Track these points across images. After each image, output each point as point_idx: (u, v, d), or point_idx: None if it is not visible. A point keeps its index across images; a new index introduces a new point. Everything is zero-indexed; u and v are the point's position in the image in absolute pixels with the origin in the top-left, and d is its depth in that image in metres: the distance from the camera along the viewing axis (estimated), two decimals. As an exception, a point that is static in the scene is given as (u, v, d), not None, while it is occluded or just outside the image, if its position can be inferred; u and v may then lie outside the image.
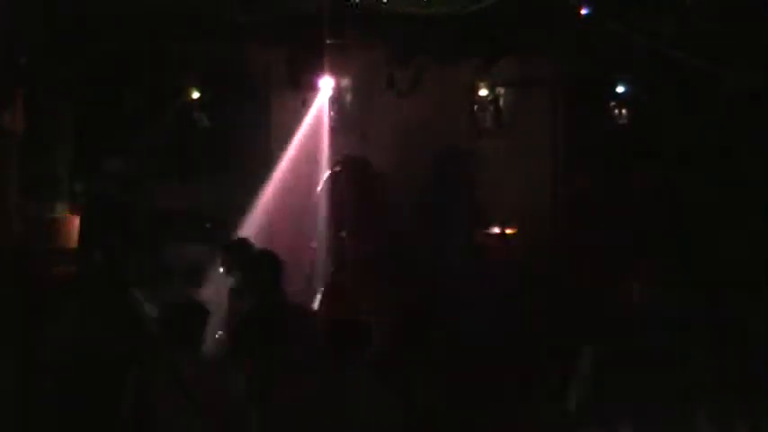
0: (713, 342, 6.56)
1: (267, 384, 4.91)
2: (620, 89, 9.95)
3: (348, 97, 10.51)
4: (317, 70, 9.35)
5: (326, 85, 9.92)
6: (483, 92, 10.12)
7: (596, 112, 10.16)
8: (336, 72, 9.80)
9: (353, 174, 9.81)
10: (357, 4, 7.05)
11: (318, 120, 10.38)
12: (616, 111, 10.06)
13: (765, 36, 7.49)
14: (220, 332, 6.33)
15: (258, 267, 5.97)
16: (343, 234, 9.64)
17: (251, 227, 9.87)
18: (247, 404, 4.91)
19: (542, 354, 6.96)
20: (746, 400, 5.86)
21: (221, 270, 6.84)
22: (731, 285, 7.47)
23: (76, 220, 9.48)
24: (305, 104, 10.26)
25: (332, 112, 10.12)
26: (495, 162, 10.44)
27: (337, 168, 9.93)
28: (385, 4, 7.22)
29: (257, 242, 7.30)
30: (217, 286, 7.18)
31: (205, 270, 7.88)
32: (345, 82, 10.36)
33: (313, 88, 9.69)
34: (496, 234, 9.85)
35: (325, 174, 9.97)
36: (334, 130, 10.22)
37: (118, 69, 9.26)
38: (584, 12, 7.46)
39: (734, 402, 5.91)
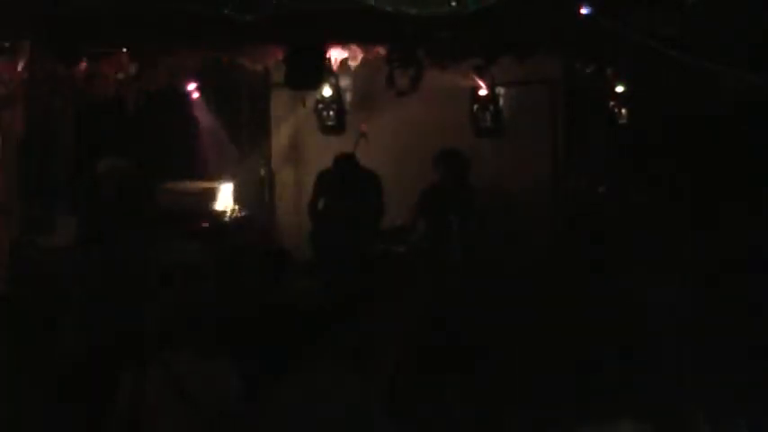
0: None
1: (254, 385, 4.92)
2: (619, 89, 9.98)
3: (348, 97, 10.51)
4: (316, 70, 9.34)
5: (326, 84, 9.92)
6: (483, 92, 10.12)
7: (596, 112, 10.16)
8: (336, 72, 9.81)
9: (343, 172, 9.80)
10: (357, 4, 7.03)
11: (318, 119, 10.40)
12: (616, 111, 10.07)
13: (765, 36, 7.48)
14: None
15: None
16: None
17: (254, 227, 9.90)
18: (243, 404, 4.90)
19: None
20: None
21: None
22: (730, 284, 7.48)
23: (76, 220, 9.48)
24: (304, 105, 10.28)
25: (331, 112, 10.13)
26: (495, 162, 10.45)
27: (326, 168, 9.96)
28: (385, 3, 7.20)
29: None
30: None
31: (204, 270, 7.89)
32: (345, 82, 10.36)
33: (313, 88, 9.69)
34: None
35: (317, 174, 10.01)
36: (334, 130, 10.23)
37: (117, 68, 9.26)
38: (584, 11, 7.43)
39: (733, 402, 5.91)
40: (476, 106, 10.22)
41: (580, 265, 9.03)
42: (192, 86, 10.24)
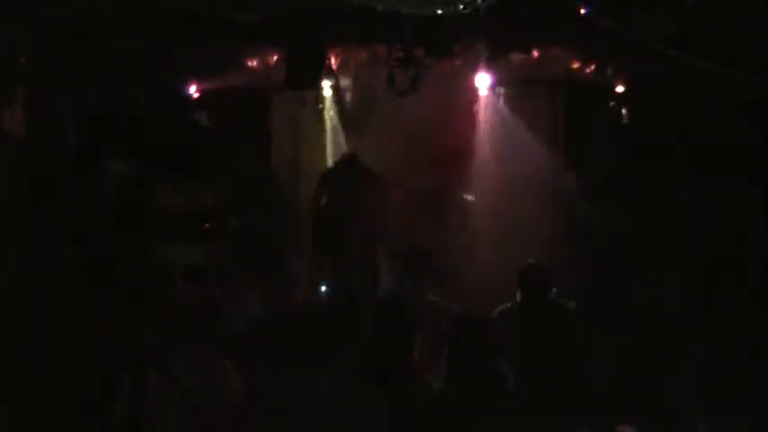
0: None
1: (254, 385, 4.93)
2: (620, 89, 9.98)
3: (348, 97, 10.51)
4: (316, 70, 9.35)
5: (326, 84, 9.92)
6: (483, 92, 10.14)
7: (596, 112, 10.16)
8: (336, 72, 9.82)
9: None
10: (357, 4, 7.04)
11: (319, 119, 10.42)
12: (616, 111, 10.07)
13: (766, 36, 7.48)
14: None
15: None
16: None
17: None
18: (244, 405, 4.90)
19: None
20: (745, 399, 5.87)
21: None
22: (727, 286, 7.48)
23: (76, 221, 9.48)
24: (305, 104, 10.28)
25: (331, 112, 10.14)
26: (494, 162, 10.44)
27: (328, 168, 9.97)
28: (385, 3, 7.21)
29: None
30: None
31: (204, 270, 7.89)
32: (345, 82, 10.36)
33: (313, 88, 9.69)
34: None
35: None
36: (334, 130, 10.25)
37: (118, 69, 9.27)
38: (583, 11, 7.44)
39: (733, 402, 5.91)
40: (475, 106, 10.23)
41: (580, 264, 9.03)
42: (192, 87, 10.24)
